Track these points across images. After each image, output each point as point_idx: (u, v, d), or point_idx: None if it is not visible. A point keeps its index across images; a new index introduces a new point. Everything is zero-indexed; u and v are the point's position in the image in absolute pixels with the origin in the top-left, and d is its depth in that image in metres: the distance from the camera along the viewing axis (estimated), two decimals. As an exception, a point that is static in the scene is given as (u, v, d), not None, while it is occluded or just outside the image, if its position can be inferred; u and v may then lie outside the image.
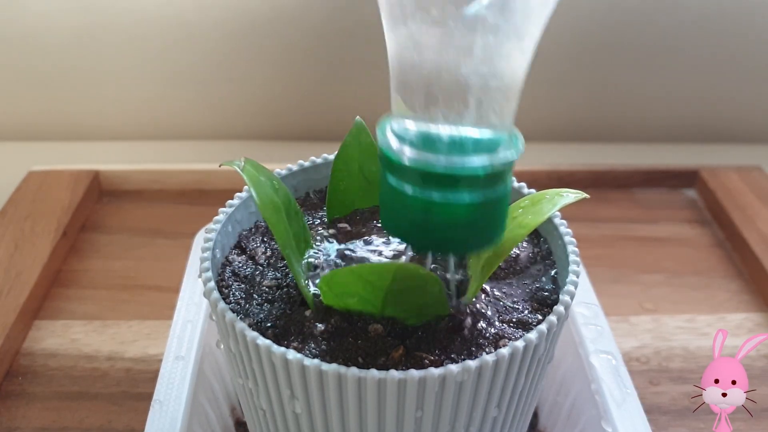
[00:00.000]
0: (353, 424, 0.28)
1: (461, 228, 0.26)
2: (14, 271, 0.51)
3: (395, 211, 0.26)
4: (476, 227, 0.26)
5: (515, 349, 0.27)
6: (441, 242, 0.26)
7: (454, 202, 0.25)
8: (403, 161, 0.24)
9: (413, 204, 0.25)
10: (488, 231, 0.26)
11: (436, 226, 0.25)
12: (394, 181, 0.25)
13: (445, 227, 0.25)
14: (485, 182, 0.25)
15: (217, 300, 0.29)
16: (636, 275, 0.55)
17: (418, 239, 0.26)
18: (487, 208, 0.25)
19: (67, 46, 0.68)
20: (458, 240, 0.26)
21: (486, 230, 0.26)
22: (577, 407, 0.39)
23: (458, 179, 0.24)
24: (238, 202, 0.34)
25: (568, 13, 0.68)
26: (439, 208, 0.25)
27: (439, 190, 0.25)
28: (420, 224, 0.25)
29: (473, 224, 0.26)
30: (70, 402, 0.44)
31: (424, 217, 0.25)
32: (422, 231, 0.26)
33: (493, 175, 0.25)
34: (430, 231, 0.26)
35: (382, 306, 0.28)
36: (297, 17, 0.67)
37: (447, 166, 0.24)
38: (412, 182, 0.25)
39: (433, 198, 0.25)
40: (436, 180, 0.24)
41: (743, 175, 0.64)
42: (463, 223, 0.25)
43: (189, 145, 0.73)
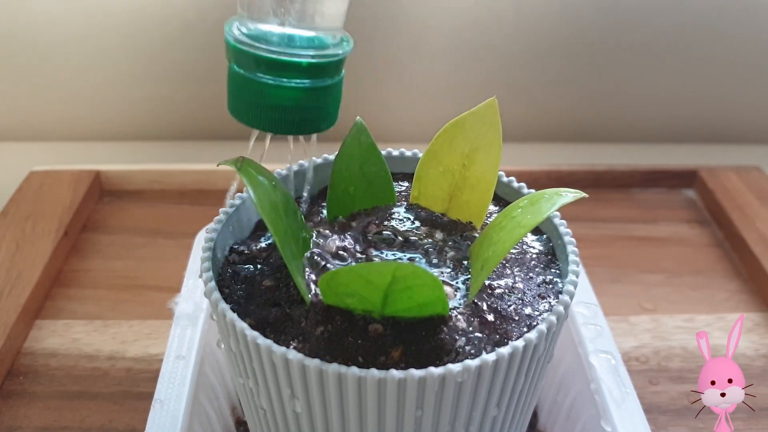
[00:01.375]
0: (353, 424, 0.28)
1: (291, 109, 0.30)
2: (15, 270, 0.51)
3: (236, 95, 0.31)
4: (304, 110, 0.31)
5: (515, 348, 0.27)
6: (273, 121, 0.31)
7: (281, 84, 0.30)
8: (242, 48, 0.30)
9: (250, 86, 0.30)
10: (316, 114, 0.31)
11: (269, 106, 0.30)
12: (236, 67, 0.30)
13: (276, 108, 0.30)
14: (311, 72, 0.30)
15: (217, 300, 0.29)
16: (635, 275, 0.55)
17: (254, 119, 0.31)
18: (314, 94, 0.30)
19: (67, 47, 0.68)
20: (288, 120, 0.31)
21: (313, 113, 0.31)
22: (577, 407, 0.39)
23: (285, 65, 0.29)
24: (238, 201, 0.34)
25: (568, 14, 0.68)
26: (270, 89, 0.30)
27: (271, 74, 0.30)
28: (255, 104, 0.30)
29: (301, 107, 0.30)
30: (71, 401, 0.44)
31: (258, 98, 0.30)
32: (257, 110, 0.31)
33: (318, 66, 0.30)
34: (264, 110, 0.30)
35: (382, 306, 0.28)
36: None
37: (275, 54, 0.29)
38: (249, 67, 0.30)
39: (265, 80, 0.30)
40: (267, 65, 0.29)
41: (742, 175, 0.64)
42: (291, 105, 0.30)
43: (189, 145, 0.73)
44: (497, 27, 0.69)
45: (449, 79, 0.71)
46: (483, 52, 0.70)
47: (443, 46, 0.69)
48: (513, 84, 0.72)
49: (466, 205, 0.34)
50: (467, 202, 0.34)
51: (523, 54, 0.70)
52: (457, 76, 0.71)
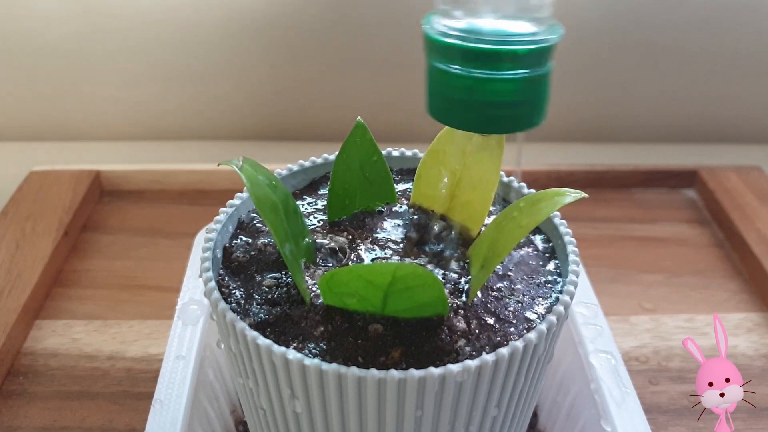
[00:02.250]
0: (353, 424, 0.28)
1: (506, 105, 0.27)
2: (15, 270, 0.51)
3: (441, 94, 0.28)
4: (520, 104, 0.28)
5: (515, 348, 0.28)
6: (487, 120, 0.28)
7: (495, 77, 0.27)
8: (449, 41, 0.27)
9: (458, 83, 0.27)
10: (530, 108, 0.28)
11: (482, 102, 0.27)
12: (440, 63, 0.28)
13: (490, 104, 0.27)
14: (526, 60, 0.27)
15: (217, 300, 0.29)
16: (635, 275, 0.55)
17: (463, 119, 0.28)
18: (529, 84, 0.27)
19: (67, 47, 0.68)
20: (503, 117, 0.28)
21: (528, 107, 0.28)
22: (577, 407, 0.39)
23: (500, 55, 0.26)
24: (238, 202, 0.34)
25: (568, 15, 0.68)
26: (484, 84, 0.27)
27: (485, 67, 0.27)
28: (465, 102, 0.27)
29: (517, 101, 0.27)
30: (71, 401, 0.44)
31: (468, 95, 0.27)
32: (467, 109, 0.28)
33: (533, 54, 0.27)
34: (474, 108, 0.27)
35: (382, 306, 0.28)
36: (297, 17, 0.67)
37: (491, 45, 0.26)
38: (457, 61, 0.27)
39: (476, 75, 0.27)
40: (481, 57, 0.26)
41: (742, 175, 0.64)
42: (508, 100, 0.27)
43: (189, 145, 0.73)
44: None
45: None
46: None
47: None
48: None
49: (467, 206, 0.34)
50: (468, 202, 0.34)
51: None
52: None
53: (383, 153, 0.36)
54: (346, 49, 0.69)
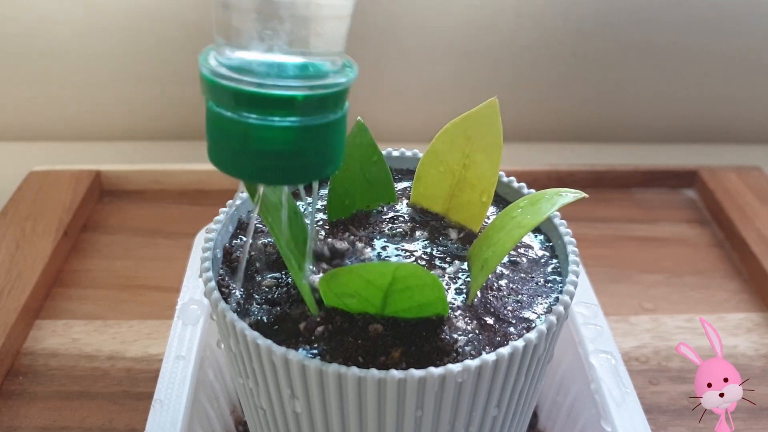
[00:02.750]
0: (353, 424, 0.28)
1: (282, 155, 0.25)
2: (15, 270, 0.51)
3: (216, 140, 0.26)
4: (299, 154, 0.25)
5: (515, 348, 0.28)
6: (262, 170, 0.25)
7: (270, 124, 0.24)
8: (220, 82, 0.24)
9: (232, 128, 0.24)
10: (315, 159, 0.26)
11: (255, 151, 0.25)
12: (215, 105, 0.25)
13: (265, 153, 0.25)
14: (307, 107, 0.24)
15: (217, 300, 0.29)
16: (635, 275, 0.55)
17: (238, 168, 0.25)
18: (311, 133, 0.25)
19: (67, 47, 0.68)
20: (280, 168, 0.25)
21: (312, 158, 0.25)
22: (577, 407, 0.39)
23: (275, 100, 0.24)
24: (238, 202, 0.34)
25: (568, 14, 0.68)
26: (256, 131, 0.24)
27: (257, 111, 0.24)
28: (240, 150, 0.25)
29: (295, 151, 0.25)
30: (71, 401, 0.44)
31: (243, 142, 0.25)
32: (242, 157, 0.25)
33: (316, 99, 0.24)
34: (251, 157, 0.25)
35: (382, 306, 0.28)
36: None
37: (261, 88, 0.24)
38: (230, 106, 0.24)
39: (250, 120, 0.24)
40: (251, 100, 0.24)
41: (742, 175, 0.64)
42: (283, 150, 0.25)
43: (189, 145, 0.73)
44: (497, 27, 0.69)
45: (449, 79, 0.71)
46: (483, 52, 0.70)
47: (443, 46, 0.69)
48: (513, 84, 0.72)
49: (467, 205, 0.34)
50: (468, 202, 0.34)
51: (523, 54, 0.70)
52: (457, 76, 0.71)
53: (383, 153, 0.36)
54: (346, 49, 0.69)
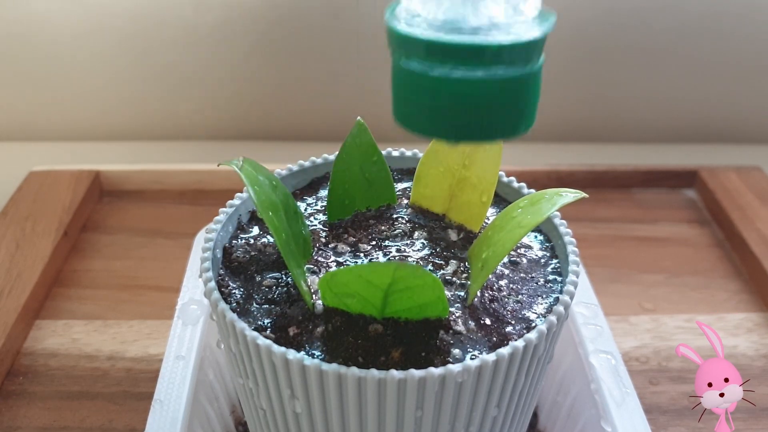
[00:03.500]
0: (353, 424, 0.28)
1: (478, 110, 0.23)
2: (15, 270, 0.51)
3: (405, 97, 0.25)
4: (496, 108, 0.24)
5: (515, 349, 0.27)
6: (456, 127, 0.24)
7: (472, 78, 0.23)
8: (414, 35, 0.23)
9: (422, 84, 0.23)
10: (511, 113, 0.24)
11: (449, 108, 0.23)
12: (404, 62, 0.24)
13: (459, 109, 0.23)
14: (506, 57, 0.23)
15: (217, 300, 0.29)
16: (635, 275, 0.55)
17: (431, 125, 0.24)
18: (509, 86, 0.23)
19: (67, 47, 0.68)
20: (475, 124, 0.24)
21: (508, 112, 0.24)
22: (577, 407, 0.39)
23: (473, 51, 0.22)
24: (238, 202, 0.34)
25: (569, 14, 0.68)
26: (450, 86, 0.23)
27: (452, 64, 0.23)
28: (431, 106, 0.24)
29: (493, 105, 0.24)
30: (71, 401, 0.44)
31: (433, 99, 0.23)
32: (433, 114, 0.24)
33: (516, 49, 0.23)
34: (443, 113, 0.24)
35: (381, 306, 0.28)
36: (297, 17, 0.67)
37: (459, 38, 0.22)
38: (422, 59, 0.23)
39: (444, 74, 0.23)
40: (447, 52, 0.23)
41: (742, 175, 0.64)
42: (480, 104, 0.23)
43: (189, 145, 0.73)
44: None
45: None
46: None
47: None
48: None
49: (467, 205, 0.34)
50: (468, 202, 0.34)
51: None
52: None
53: (383, 153, 0.36)
54: (347, 49, 0.69)
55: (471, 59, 0.23)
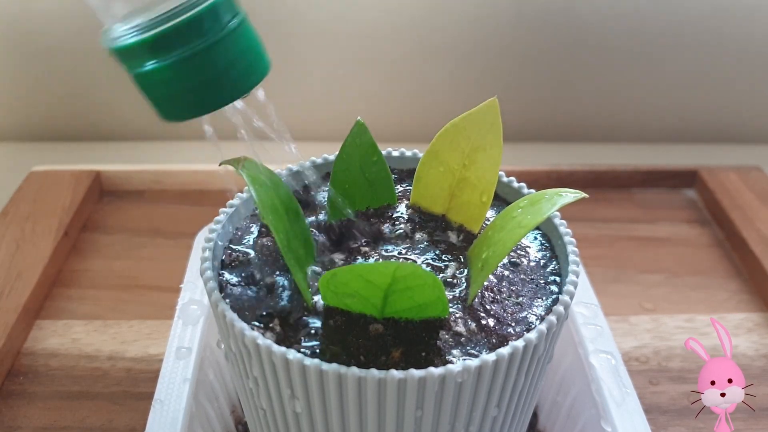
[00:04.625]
0: (353, 424, 0.28)
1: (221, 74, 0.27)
2: (15, 271, 0.51)
3: (161, 94, 0.29)
4: (234, 64, 0.28)
5: (515, 349, 0.28)
6: (214, 95, 0.28)
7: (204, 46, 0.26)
8: (139, 40, 0.27)
9: (167, 74, 0.27)
10: (230, 75, 0.28)
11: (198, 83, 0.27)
12: (141, 67, 0.28)
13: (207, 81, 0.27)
14: (205, 25, 0.27)
15: (217, 300, 0.29)
16: (635, 275, 0.55)
17: (193, 106, 0.28)
18: (224, 46, 0.27)
19: (68, 47, 0.68)
20: (226, 86, 0.28)
21: (234, 70, 0.28)
22: (577, 407, 0.39)
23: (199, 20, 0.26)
24: (238, 202, 0.34)
25: (568, 14, 0.68)
26: (160, 72, 0.27)
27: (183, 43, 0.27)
28: (185, 87, 0.28)
29: (227, 64, 0.28)
30: (71, 401, 0.44)
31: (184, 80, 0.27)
32: (191, 93, 0.28)
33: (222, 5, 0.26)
34: (198, 89, 0.28)
35: (382, 306, 0.28)
36: (297, 17, 0.67)
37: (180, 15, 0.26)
38: (134, 61, 0.27)
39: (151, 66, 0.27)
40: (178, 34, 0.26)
41: (742, 175, 0.64)
42: (215, 67, 0.27)
43: (189, 145, 0.73)
44: (497, 27, 0.69)
45: (449, 79, 0.71)
46: (483, 52, 0.70)
47: (444, 45, 0.69)
48: (513, 84, 0.72)
49: (467, 206, 0.34)
50: (467, 202, 0.34)
51: (523, 54, 0.70)
52: (457, 76, 0.71)
53: (383, 153, 0.36)
54: (347, 49, 0.69)
55: (194, 34, 0.26)
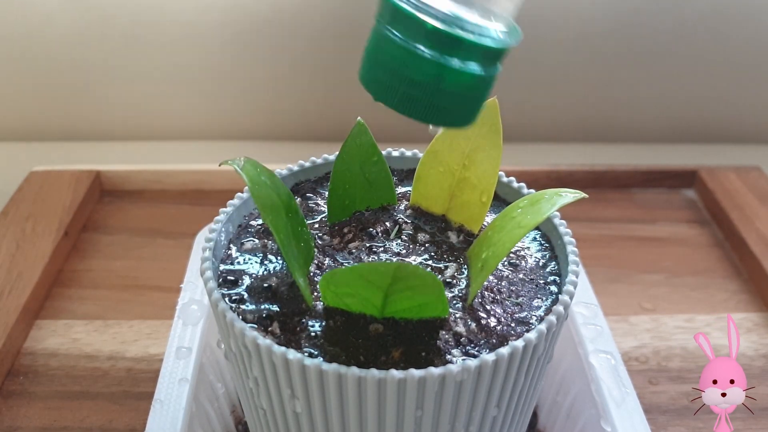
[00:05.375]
0: (353, 424, 0.28)
1: (456, 97, 0.26)
2: (16, 271, 0.51)
3: (377, 61, 0.26)
4: (467, 99, 0.26)
5: (515, 348, 0.28)
6: (409, 99, 0.26)
7: (466, 70, 0.25)
8: (403, 7, 0.25)
9: (424, 67, 0.25)
10: (472, 107, 0.27)
11: (412, 80, 0.25)
12: (387, 28, 0.25)
13: (445, 93, 0.26)
14: (490, 58, 0.25)
15: (217, 300, 0.29)
16: (635, 275, 0.55)
17: (389, 93, 0.26)
18: (482, 83, 0.26)
19: (68, 47, 0.68)
20: (446, 109, 0.26)
21: (470, 106, 0.27)
22: (577, 407, 0.39)
23: (453, 41, 0.25)
24: (238, 202, 0.34)
25: (568, 14, 0.68)
26: (451, 74, 0.25)
27: (459, 56, 0.25)
28: (395, 76, 0.25)
29: (467, 96, 0.26)
30: (71, 401, 0.44)
31: (434, 81, 0.25)
32: (395, 85, 0.26)
33: (497, 53, 0.25)
34: (427, 94, 0.26)
35: (382, 306, 0.28)
36: (297, 17, 0.67)
37: (443, 25, 0.24)
38: (404, 32, 0.25)
39: (451, 64, 0.25)
40: (429, 35, 0.25)
41: (742, 175, 0.64)
42: (460, 93, 0.26)
43: (189, 145, 0.73)
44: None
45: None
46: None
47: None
48: (513, 84, 0.72)
49: (467, 206, 0.34)
50: (467, 202, 0.34)
51: (523, 54, 0.70)
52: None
53: (383, 153, 0.36)
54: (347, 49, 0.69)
55: (447, 46, 0.25)
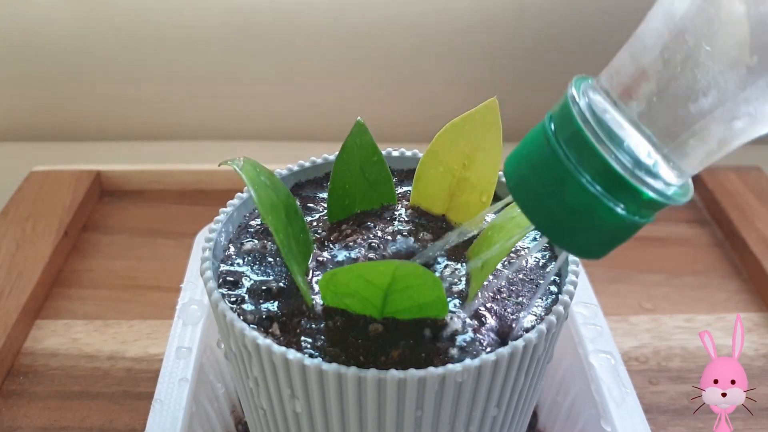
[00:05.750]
0: (353, 423, 0.28)
1: (597, 233, 0.25)
2: (16, 270, 0.51)
3: (532, 171, 0.25)
4: (608, 237, 0.25)
5: (515, 348, 0.28)
6: (567, 233, 0.25)
7: (622, 214, 0.24)
8: (587, 137, 0.24)
9: (581, 196, 0.24)
10: (607, 245, 0.26)
11: (584, 221, 0.24)
12: (554, 141, 0.25)
13: (591, 228, 0.24)
14: (650, 209, 0.24)
15: (217, 300, 0.29)
16: (635, 275, 0.55)
17: (542, 213, 0.25)
18: (631, 228, 0.25)
19: (68, 47, 0.68)
20: (583, 239, 0.25)
21: (607, 243, 0.26)
22: (577, 407, 0.39)
23: (623, 186, 0.23)
24: (238, 202, 0.34)
25: (568, 14, 0.68)
26: (605, 211, 0.24)
27: (624, 201, 0.24)
28: (570, 210, 0.24)
29: (609, 234, 0.25)
30: (71, 401, 0.44)
31: (585, 211, 0.24)
32: (547, 203, 0.24)
33: (660, 206, 0.24)
34: (571, 219, 0.24)
35: (381, 305, 0.28)
36: (297, 18, 0.67)
37: (652, 191, 0.24)
38: (602, 184, 0.23)
39: (609, 204, 0.24)
40: (625, 191, 0.23)
41: (742, 175, 0.64)
42: (604, 231, 0.25)
43: (189, 145, 0.73)
44: (497, 27, 0.69)
45: (449, 79, 0.71)
46: (483, 52, 0.70)
47: (444, 45, 0.69)
48: (513, 84, 0.72)
49: (467, 206, 0.34)
50: (467, 202, 0.34)
51: (523, 54, 0.70)
52: (457, 76, 0.71)
53: (383, 153, 0.36)
54: (347, 49, 0.69)
55: (618, 190, 0.23)
